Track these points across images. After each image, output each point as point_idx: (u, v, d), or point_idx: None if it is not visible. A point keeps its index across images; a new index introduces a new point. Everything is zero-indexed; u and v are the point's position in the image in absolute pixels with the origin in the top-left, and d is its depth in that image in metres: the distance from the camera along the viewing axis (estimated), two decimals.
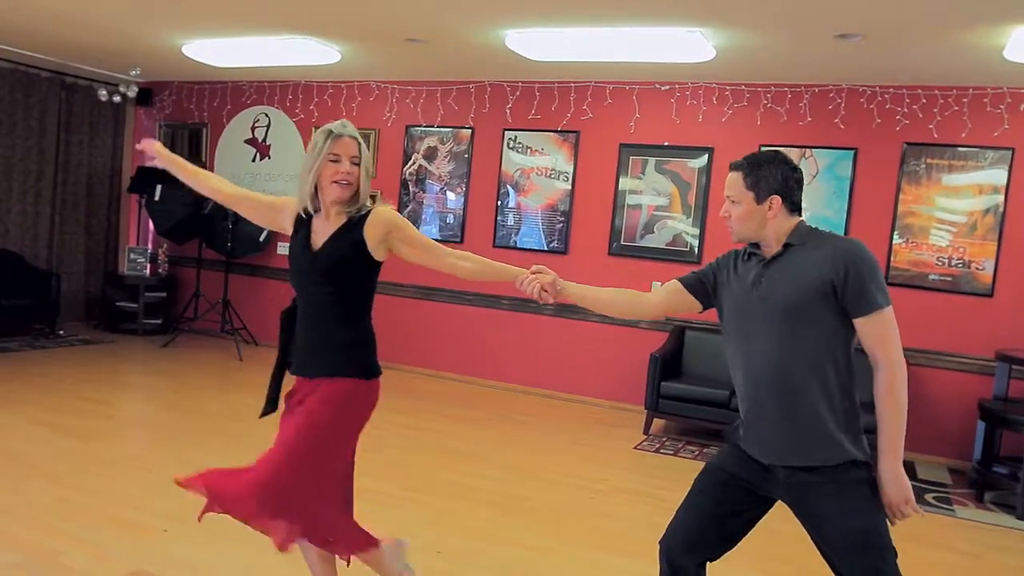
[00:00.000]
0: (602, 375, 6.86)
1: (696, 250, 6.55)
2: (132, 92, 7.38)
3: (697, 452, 5.65)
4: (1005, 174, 5.71)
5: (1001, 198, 5.72)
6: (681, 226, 6.59)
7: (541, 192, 7.05)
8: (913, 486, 5.23)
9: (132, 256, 8.29)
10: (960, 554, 4.21)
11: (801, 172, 2.33)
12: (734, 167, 2.33)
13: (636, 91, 6.69)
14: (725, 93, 6.43)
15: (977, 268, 5.80)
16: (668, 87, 6.59)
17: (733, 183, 2.30)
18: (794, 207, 2.28)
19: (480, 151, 7.27)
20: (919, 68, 5.43)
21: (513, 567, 3.52)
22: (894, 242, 5.99)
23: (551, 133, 6.99)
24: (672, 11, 4.63)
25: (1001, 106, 5.72)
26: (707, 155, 6.50)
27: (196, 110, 8.49)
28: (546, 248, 7.03)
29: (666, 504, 4.59)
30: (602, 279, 6.71)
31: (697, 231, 6.54)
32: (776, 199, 2.24)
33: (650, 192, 6.68)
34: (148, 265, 8.33)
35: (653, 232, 6.68)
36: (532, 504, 4.37)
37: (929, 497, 5.06)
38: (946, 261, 5.88)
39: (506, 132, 7.15)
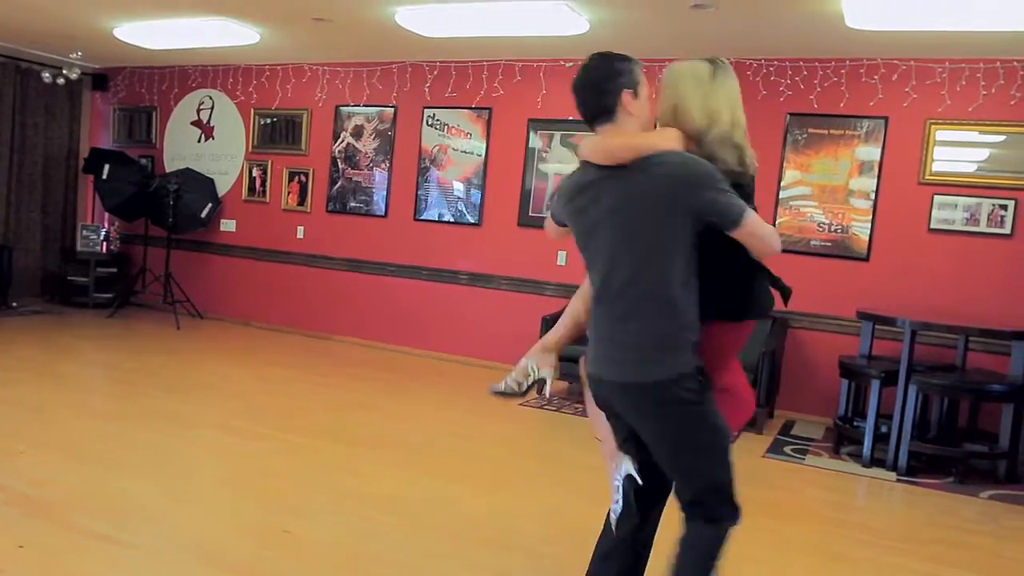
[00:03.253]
0: (517, 340, 7.12)
1: None
2: (75, 74, 7.79)
3: (580, 409, 5.93)
4: (880, 142, 5.92)
5: (876, 165, 5.94)
6: None
7: (458, 167, 7.36)
8: (783, 441, 5.49)
9: (85, 233, 8.72)
10: (781, 489, 4.46)
11: None
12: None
13: (543, 68, 6.97)
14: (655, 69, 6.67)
15: (854, 233, 6.02)
16: (572, 64, 6.85)
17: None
18: None
19: (402, 129, 7.59)
20: (775, 38, 5.67)
21: (340, 488, 3.84)
22: (779, 209, 6.23)
23: (466, 110, 7.30)
24: None
25: (876, 77, 5.94)
26: None
27: (147, 94, 8.89)
28: (462, 221, 7.33)
29: (518, 449, 4.91)
30: (512, 249, 7.05)
31: None
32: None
33: (556, 165, 6.96)
34: (101, 242, 8.74)
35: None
36: (388, 442, 4.69)
37: (788, 449, 5.30)
38: (826, 227, 6.10)
39: (425, 110, 7.46)
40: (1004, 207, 5.63)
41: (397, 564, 3.08)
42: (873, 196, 5.96)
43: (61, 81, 7.78)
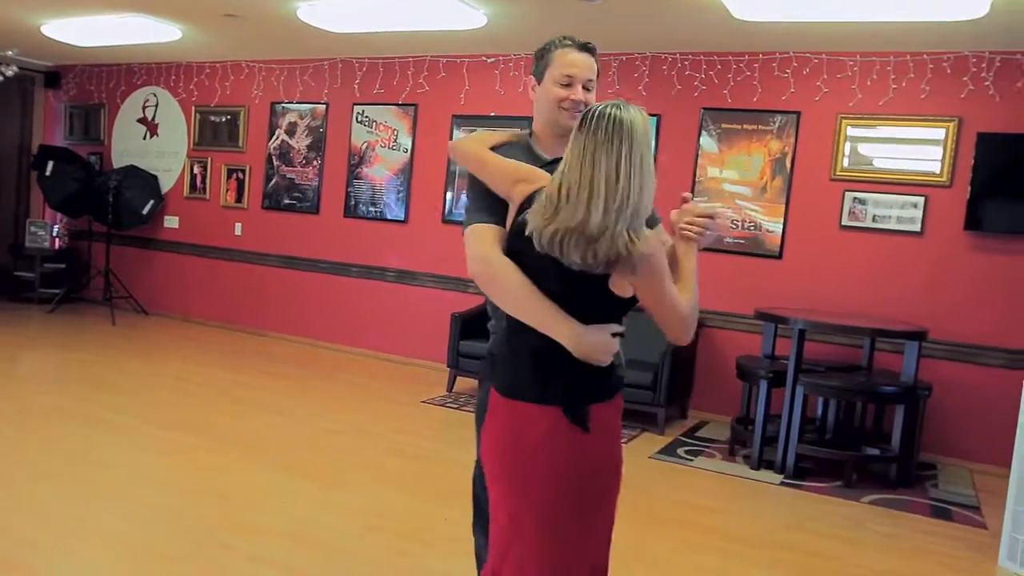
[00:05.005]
0: (435, 338, 7.06)
1: None
2: (11, 71, 7.86)
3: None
4: (792, 137, 5.78)
5: (788, 161, 5.80)
6: None
7: (385, 163, 7.31)
8: (680, 443, 5.38)
9: (32, 229, 8.79)
10: (644, 491, 4.35)
11: None
12: (584, 47, 2.11)
13: (466, 64, 6.90)
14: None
15: (767, 231, 5.88)
16: (493, 59, 6.79)
17: (589, 65, 2.11)
18: None
19: (333, 125, 7.56)
20: (668, 31, 5.57)
21: (199, 484, 3.81)
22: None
23: (393, 107, 7.25)
24: None
25: (788, 70, 5.79)
26: (529, 123, 6.65)
27: (96, 91, 8.95)
28: (389, 218, 7.28)
29: (397, 445, 4.85)
30: (436, 246, 6.99)
31: None
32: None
33: None
34: (49, 238, 8.81)
35: None
36: (264, 441, 4.65)
37: (681, 451, 5.19)
38: (740, 224, 5.97)
39: (355, 106, 7.42)
40: (914, 204, 5.46)
41: (176, 554, 3.04)
42: (785, 193, 5.81)
43: (2, 78, 7.86)
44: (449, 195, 7.00)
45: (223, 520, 3.46)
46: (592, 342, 1.84)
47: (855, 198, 5.62)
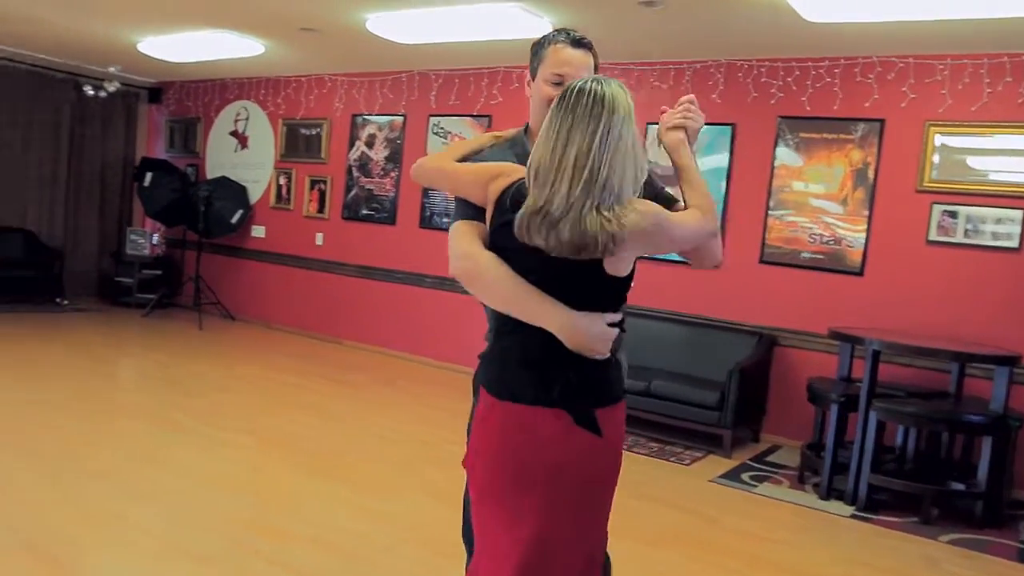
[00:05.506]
0: None
1: None
2: (113, 87, 8.28)
3: None
4: (875, 146, 5.44)
5: (871, 172, 5.46)
6: None
7: None
8: (747, 467, 5.13)
9: (132, 237, 9.23)
10: (698, 516, 4.14)
11: None
12: (579, 43, 1.98)
13: None
14: (616, 72, 6.46)
15: (848, 245, 5.55)
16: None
17: (584, 63, 1.97)
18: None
19: (410, 137, 7.62)
20: (736, 35, 5.32)
21: (241, 485, 3.86)
22: (769, 219, 5.83)
23: (467, 117, 7.25)
24: None
25: (871, 76, 5.46)
26: None
27: (193, 106, 9.35)
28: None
29: (445, 455, 4.78)
30: None
31: None
32: None
33: None
34: (148, 245, 9.24)
35: None
36: (313, 446, 4.68)
37: (746, 476, 4.93)
38: (818, 238, 5.65)
39: (431, 118, 7.47)
40: (1011, 218, 5.03)
41: (212, 554, 3.06)
42: (868, 205, 5.47)
43: (103, 94, 8.31)
44: None
45: (255, 523, 3.48)
46: (586, 329, 1.74)
47: (944, 211, 5.22)
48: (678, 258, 6.56)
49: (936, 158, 5.25)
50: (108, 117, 9.34)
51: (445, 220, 7.39)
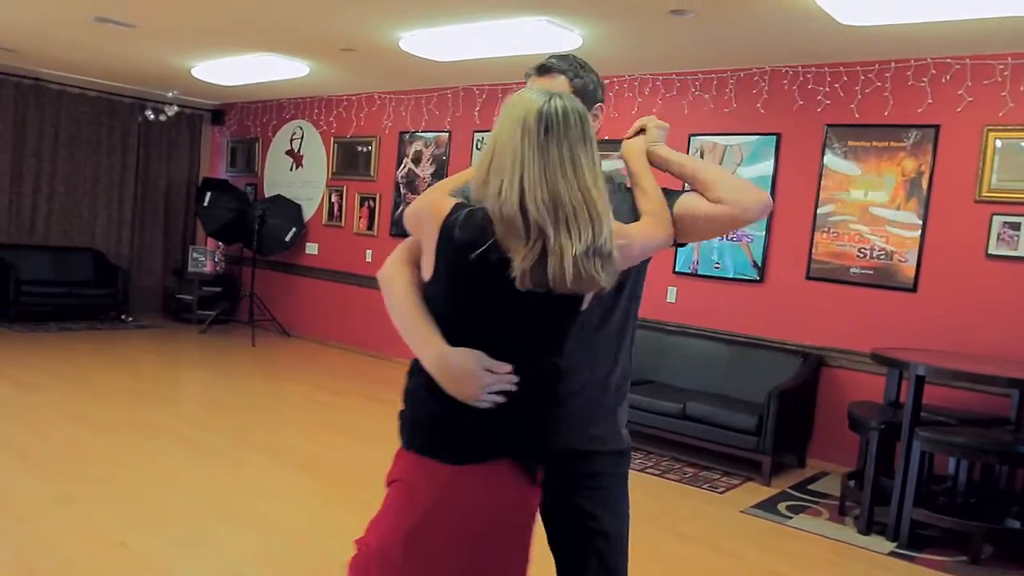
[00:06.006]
0: None
1: None
2: (172, 111, 8.54)
3: None
4: (930, 154, 5.09)
5: (925, 181, 5.11)
6: None
7: None
8: (785, 496, 4.83)
9: (194, 255, 9.49)
10: (724, 553, 3.91)
11: None
12: (550, 68, 1.85)
13: None
14: (657, 83, 6.27)
15: (900, 260, 5.20)
16: (608, 80, 6.53)
17: (558, 87, 1.81)
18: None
19: (455, 153, 7.59)
20: (771, 42, 5.05)
21: (249, 510, 3.86)
22: (816, 233, 5.52)
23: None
24: (511, 4, 4.72)
25: (924, 79, 5.12)
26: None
27: (252, 126, 9.56)
28: None
29: None
30: None
31: None
32: (602, 109, 1.88)
33: None
34: (208, 263, 9.48)
35: None
36: (332, 468, 4.64)
37: (783, 506, 4.65)
38: (868, 253, 5.32)
39: (476, 133, 7.41)
40: None
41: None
42: (922, 217, 5.12)
43: (163, 118, 8.58)
44: None
45: (257, 556, 3.44)
46: (455, 368, 1.57)
47: (1005, 222, 4.84)
48: (719, 273, 6.28)
49: (996, 165, 4.87)
50: (173, 139, 9.65)
51: None
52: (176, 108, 8.54)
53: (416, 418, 1.68)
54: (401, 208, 8.01)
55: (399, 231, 8.04)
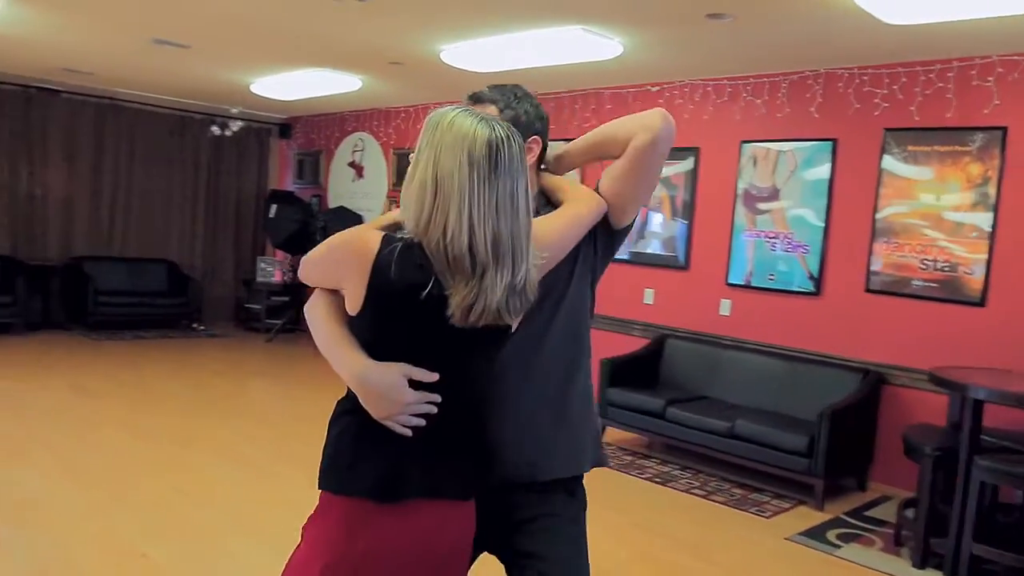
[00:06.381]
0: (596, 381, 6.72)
1: (683, 257, 6.21)
2: (236, 126, 8.77)
3: (639, 471, 5.42)
4: (997, 158, 4.75)
5: (993, 188, 4.77)
6: (670, 231, 6.30)
7: None
8: (837, 523, 4.56)
9: (262, 265, 9.73)
10: None
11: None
12: (480, 98, 1.78)
13: (631, 94, 6.54)
14: (707, 89, 6.06)
15: (966, 272, 4.87)
16: (657, 88, 6.36)
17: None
18: (543, 157, 1.84)
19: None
20: (816, 47, 4.80)
21: (268, 524, 3.91)
22: (874, 243, 5.23)
23: (562, 142, 7.04)
24: (548, 10, 4.64)
25: (990, 78, 4.78)
26: (693, 156, 6.16)
27: (317, 139, 9.74)
28: None
29: None
30: (602, 286, 6.64)
31: (685, 236, 6.21)
32: (537, 142, 1.78)
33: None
34: (276, 273, 9.71)
35: (644, 238, 6.45)
36: None
37: (832, 534, 4.41)
38: (931, 264, 5.01)
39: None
40: None
41: None
42: (990, 226, 4.78)
43: (228, 133, 8.83)
44: None
45: (274, 565, 3.45)
46: (377, 382, 1.51)
47: None
48: (774, 285, 6.00)
49: None
50: (242, 153, 9.93)
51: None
52: (240, 123, 8.78)
53: (336, 453, 1.61)
54: None
55: None
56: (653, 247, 6.40)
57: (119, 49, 6.58)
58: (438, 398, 1.54)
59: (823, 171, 5.44)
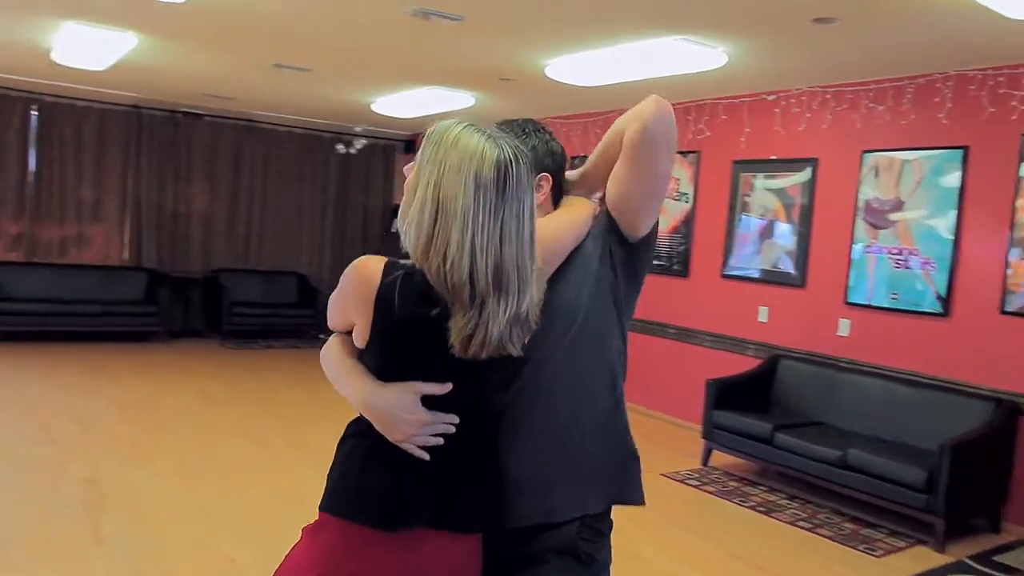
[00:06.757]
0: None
1: (799, 273, 5.89)
2: (360, 144, 9.07)
3: (742, 499, 5.18)
4: None
5: None
6: (786, 246, 6.00)
7: (668, 215, 6.95)
8: (961, 567, 4.38)
9: None
10: None
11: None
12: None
13: (747, 104, 6.29)
14: (826, 96, 5.73)
15: None
16: (774, 96, 6.08)
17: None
18: (561, 194, 1.75)
19: None
20: (938, 48, 4.41)
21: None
22: (1011, 259, 4.77)
23: (676, 155, 6.87)
24: (647, 21, 4.55)
25: None
26: (811, 167, 5.84)
27: None
28: (674, 270, 6.89)
29: None
30: (713, 304, 6.45)
31: (801, 252, 5.89)
32: (547, 179, 1.70)
33: (758, 210, 6.20)
34: None
35: (760, 254, 6.17)
36: None
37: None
38: None
39: None
40: None
41: None
42: None
43: (352, 151, 9.17)
44: (731, 246, 6.41)
45: None
46: (387, 404, 1.45)
47: None
48: (897, 305, 5.58)
49: None
50: (368, 169, 10.30)
51: (655, 262, 7.05)
52: (364, 141, 9.10)
53: (343, 476, 1.57)
54: None
55: None
56: (768, 263, 6.12)
57: (244, 74, 6.96)
58: (455, 418, 1.48)
59: (952, 181, 5.02)
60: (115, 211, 8.97)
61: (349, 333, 1.59)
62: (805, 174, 5.88)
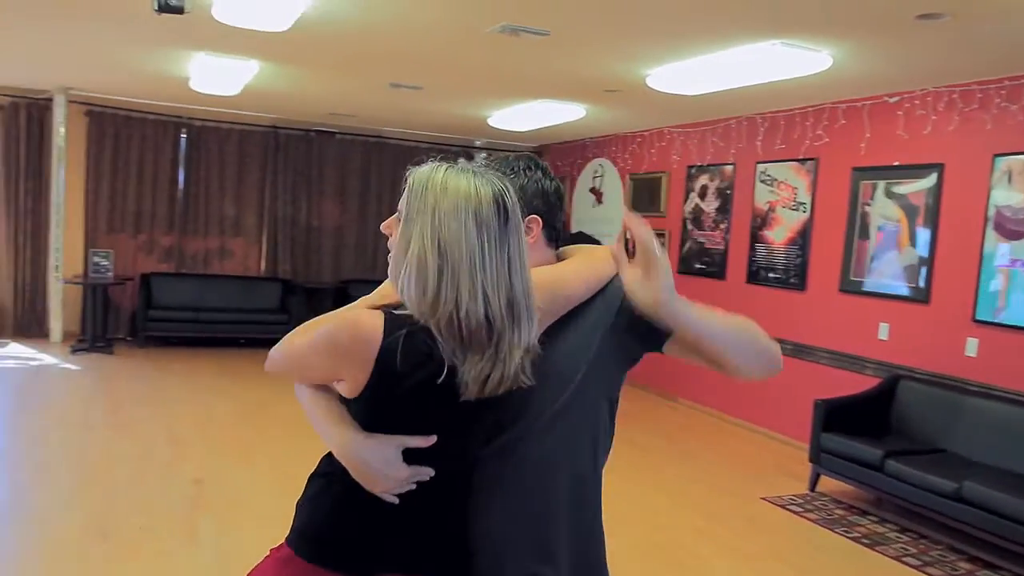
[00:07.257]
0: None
1: (923, 287, 5.46)
2: (480, 157, 9.18)
3: (846, 529, 4.87)
4: None
5: None
6: (908, 259, 5.58)
7: (784, 225, 6.63)
8: None
9: None
10: None
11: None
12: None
13: (867, 108, 5.90)
14: (953, 96, 5.29)
15: None
16: (896, 98, 5.68)
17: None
18: (554, 235, 1.62)
19: (738, 187, 7.15)
20: None
21: None
22: None
23: (792, 163, 6.55)
24: (740, 27, 4.40)
25: None
26: (936, 173, 5.41)
27: (563, 166, 9.95)
28: (791, 283, 6.57)
29: (686, 554, 4.30)
30: (831, 319, 6.11)
31: (926, 265, 5.46)
32: (536, 221, 1.57)
33: (879, 220, 5.80)
34: None
35: (881, 266, 5.77)
36: None
37: None
38: None
39: (758, 165, 6.91)
40: None
41: None
42: None
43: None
44: (850, 259, 6.04)
45: None
46: (370, 459, 1.40)
47: None
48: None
49: None
50: None
51: (771, 275, 6.76)
52: (484, 155, 9.24)
53: (312, 518, 1.55)
54: (688, 245, 7.75)
55: (685, 268, 7.79)
56: (888, 277, 5.71)
57: (363, 94, 7.27)
58: (432, 471, 1.44)
59: None
60: (253, 225, 9.59)
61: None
62: (930, 180, 5.45)
